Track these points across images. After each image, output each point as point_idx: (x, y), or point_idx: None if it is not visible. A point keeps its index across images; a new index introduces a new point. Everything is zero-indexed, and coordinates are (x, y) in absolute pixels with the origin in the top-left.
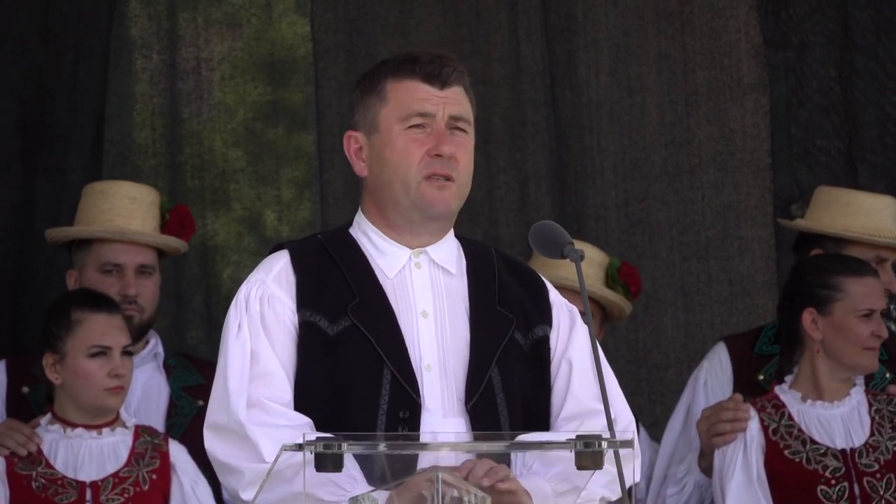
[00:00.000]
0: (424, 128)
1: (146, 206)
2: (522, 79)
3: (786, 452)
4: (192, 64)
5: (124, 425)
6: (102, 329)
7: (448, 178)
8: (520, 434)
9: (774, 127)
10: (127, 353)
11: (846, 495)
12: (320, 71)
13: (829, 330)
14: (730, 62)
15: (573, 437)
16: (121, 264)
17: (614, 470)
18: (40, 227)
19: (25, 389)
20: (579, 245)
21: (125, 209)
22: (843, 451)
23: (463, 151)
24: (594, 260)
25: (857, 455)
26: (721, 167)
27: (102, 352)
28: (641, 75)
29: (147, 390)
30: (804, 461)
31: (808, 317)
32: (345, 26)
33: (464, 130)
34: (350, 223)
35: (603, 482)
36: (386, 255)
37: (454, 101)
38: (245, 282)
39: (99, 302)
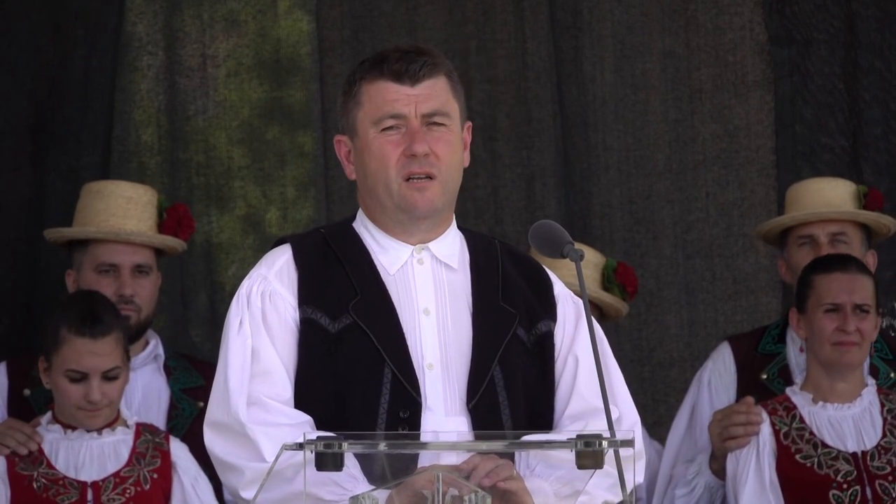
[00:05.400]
0: (399, 129)
1: (142, 205)
2: (528, 76)
3: (797, 457)
4: (197, 61)
5: (125, 424)
6: (81, 355)
7: (429, 177)
8: (521, 434)
9: (779, 124)
10: (109, 378)
11: (858, 499)
12: (325, 68)
13: (806, 328)
14: (734, 59)
15: (573, 436)
16: (116, 264)
17: (616, 473)
18: (51, 227)
19: (27, 392)
20: (576, 245)
21: (121, 209)
22: (854, 455)
23: (442, 145)
24: (590, 261)
25: (868, 458)
26: (725, 165)
27: (79, 377)
28: (646, 72)
29: (147, 392)
30: (815, 465)
31: (793, 317)
32: (350, 23)
33: (442, 124)
34: (353, 217)
35: (605, 485)
36: (388, 251)
37: (427, 96)
38: (247, 276)
39: (86, 323)
